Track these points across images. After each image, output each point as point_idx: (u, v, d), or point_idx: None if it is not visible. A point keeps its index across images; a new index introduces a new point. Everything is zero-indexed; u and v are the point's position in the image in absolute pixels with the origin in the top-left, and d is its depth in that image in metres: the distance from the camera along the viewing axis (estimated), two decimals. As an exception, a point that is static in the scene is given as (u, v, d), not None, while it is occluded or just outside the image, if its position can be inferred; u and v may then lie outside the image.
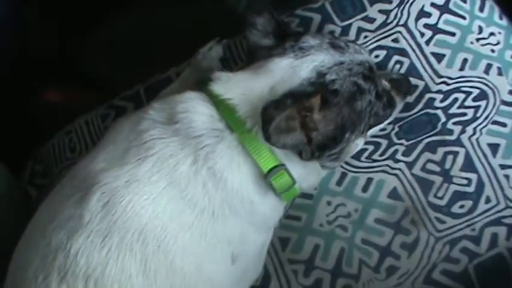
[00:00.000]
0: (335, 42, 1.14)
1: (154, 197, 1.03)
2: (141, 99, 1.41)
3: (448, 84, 1.32)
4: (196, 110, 1.07)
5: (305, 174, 1.13)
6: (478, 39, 1.35)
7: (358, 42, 1.36)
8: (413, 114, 1.31)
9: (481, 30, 1.36)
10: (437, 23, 1.36)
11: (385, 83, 1.20)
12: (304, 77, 1.07)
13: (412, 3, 1.37)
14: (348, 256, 1.25)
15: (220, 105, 1.07)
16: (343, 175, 1.30)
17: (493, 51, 1.34)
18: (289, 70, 1.08)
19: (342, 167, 1.30)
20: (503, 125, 1.30)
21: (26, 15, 1.61)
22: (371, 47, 1.36)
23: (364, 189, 1.28)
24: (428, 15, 1.37)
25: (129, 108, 1.41)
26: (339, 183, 1.29)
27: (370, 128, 1.16)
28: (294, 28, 1.38)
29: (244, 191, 1.07)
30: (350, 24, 1.38)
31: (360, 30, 1.37)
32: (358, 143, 1.16)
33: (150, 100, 1.32)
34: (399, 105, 1.26)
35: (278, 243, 1.28)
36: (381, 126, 1.23)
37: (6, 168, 1.30)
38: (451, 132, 1.29)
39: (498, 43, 1.35)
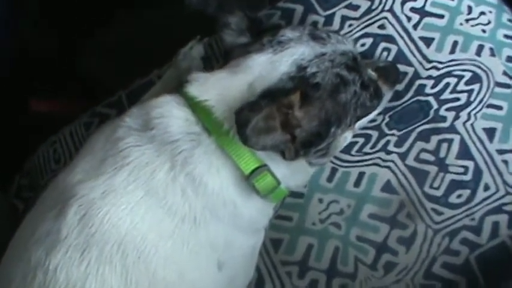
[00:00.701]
0: (316, 33, 1.10)
1: (132, 206, 1.00)
2: (124, 105, 1.38)
3: (439, 69, 1.27)
4: (171, 114, 1.04)
5: (290, 173, 1.08)
6: (467, 20, 1.29)
7: (343, 31, 1.32)
8: (404, 102, 1.27)
9: (470, 10, 1.30)
10: (424, 5, 1.31)
11: (371, 73, 1.16)
12: (283, 71, 1.03)
13: (396, -13, 1.32)
14: (343, 255, 1.21)
15: (196, 108, 1.03)
16: (334, 171, 1.25)
17: (484, 31, 1.28)
18: (267, 66, 1.04)
19: (332, 162, 1.25)
20: (499, 108, 1.24)
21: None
22: (356, 35, 1.31)
23: (356, 184, 1.24)
24: (415, -2, 1.32)
25: (112, 115, 1.38)
26: (330, 179, 1.25)
27: (358, 120, 1.12)
28: (275, 21, 1.34)
29: (225, 194, 1.03)
30: (333, 13, 1.33)
31: (344, 18, 1.33)
32: (347, 137, 1.12)
33: (132, 105, 1.28)
34: (388, 94, 1.22)
35: (270, 245, 1.24)
36: (370, 117, 1.18)
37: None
38: (444, 119, 1.24)
39: (489, 22, 1.29)
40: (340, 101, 1.05)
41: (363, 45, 1.30)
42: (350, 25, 1.32)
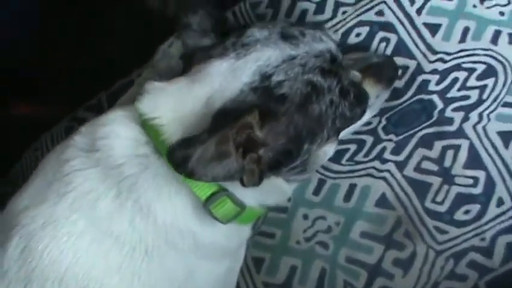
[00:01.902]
0: (287, 31, 0.95)
1: (75, 239, 0.91)
2: (103, 108, 1.29)
3: (445, 62, 1.10)
4: (117, 134, 0.93)
5: (262, 194, 0.96)
6: (482, 1, 1.11)
7: (336, 19, 1.16)
8: (404, 102, 1.11)
9: (486, -11, 1.12)
10: (430, -15, 1.14)
11: (355, 73, 1.00)
12: (245, 81, 0.90)
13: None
14: (331, 278, 1.10)
15: (146, 126, 0.92)
16: (321, 182, 1.12)
17: (502, 14, 1.10)
18: (228, 74, 0.91)
19: (319, 172, 1.12)
20: (518, 107, 1.07)
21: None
22: (351, 23, 1.15)
23: (347, 198, 1.11)
24: (419, -23, 1.14)
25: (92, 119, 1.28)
26: (317, 192, 1.13)
27: (339, 132, 0.97)
28: (261, 11, 1.20)
29: (181, 223, 0.92)
30: (325, 0, 1.17)
31: (338, 4, 1.17)
32: (327, 150, 0.97)
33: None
34: (383, 95, 1.06)
35: (252, 264, 1.14)
36: (356, 126, 1.03)
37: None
38: (450, 121, 1.09)
39: (509, 3, 1.10)
40: (313, 113, 0.91)
41: (357, 35, 1.14)
42: (344, 12, 1.15)
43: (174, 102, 0.92)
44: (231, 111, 0.87)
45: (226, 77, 0.91)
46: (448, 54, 1.10)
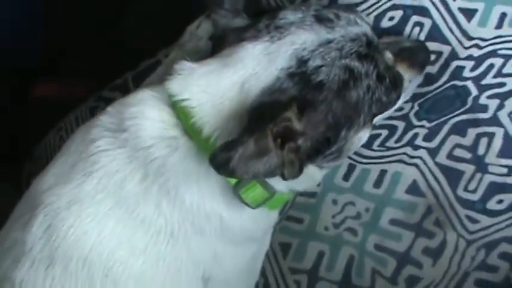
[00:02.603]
0: (322, 14, 0.93)
1: (100, 218, 0.90)
2: (129, 89, 1.27)
3: (481, 48, 1.07)
4: (145, 115, 0.91)
5: (291, 180, 0.93)
6: (520, -14, 1.08)
7: (369, 2, 1.12)
8: (437, 88, 1.08)
9: (526, -30, 1.09)
10: (467, -32, 1.11)
11: (389, 56, 0.98)
12: (280, 67, 0.88)
13: None
14: (359, 265, 1.09)
15: (176, 108, 0.90)
16: (351, 167, 1.11)
17: (540, -1, 1.07)
18: (263, 58, 0.89)
19: (350, 157, 1.10)
20: (556, 94, 1.04)
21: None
22: (384, 7, 1.11)
23: (377, 184, 1.10)
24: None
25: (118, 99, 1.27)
26: (346, 177, 1.11)
27: (374, 117, 0.96)
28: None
29: (208, 207, 0.91)
30: (359, -19, 1.15)
31: (371, -13, 1.14)
32: (362, 136, 0.95)
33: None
34: (416, 80, 1.04)
35: (278, 250, 1.13)
36: (389, 112, 1.01)
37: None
38: (484, 108, 1.06)
39: (547, -11, 1.07)
40: (350, 99, 0.89)
41: (390, 19, 1.11)
42: (377, -5, 1.13)
43: (205, 85, 0.89)
44: (268, 105, 0.85)
45: (260, 61, 0.89)
46: (484, 40, 1.07)
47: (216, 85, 0.89)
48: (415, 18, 1.11)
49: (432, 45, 1.09)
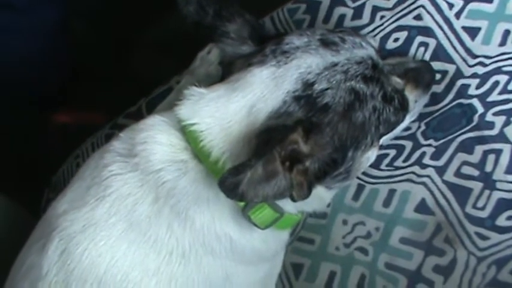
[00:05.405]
0: (327, 38, 0.95)
1: (113, 241, 0.92)
2: (143, 115, 1.30)
3: (486, 65, 1.08)
4: (155, 140, 0.94)
5: (300, 202, 0.93)
6: (523, 4, 1.08)
7: (374, 24, 1.15)
8: (443, 107, 1.09)
9: (528, -11, 1.09)
10: (469, -12, 1.12)
11: (397, 80, 0.99)
12: (287, 90, 0.90)
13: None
14: (370, 284, 1.09)
15: (185, 132, 0.93)
16: (360, 188, 1.12)
17: (543, 16, 1.07)
18: (270, 82, 0.91)
19: (359, 178, 1.11)
20: None
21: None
22: (389, 29, 1.14)
23: (386, 203, 1.10)
24: (458, -20, 1.12)
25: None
26: (356, 197, 1.12)
27: (382, 137, 0.97)
28: (299, 17, 1.20)
29: (218, 228, 0.93)
30: (363, 4, 1.17)
31: (375, 9, 1.16)
32: (369, 156, 0.97)
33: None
34: (422, 100, 1.05)
35: (291, 270, 1.13)
36: (397, 131, 1.02)
37: (6, 199, 1.26)
38: (491, 125, 1.06)
39: (550, 5, 1.07)
40: (357, 121, 0.91)
41: (395, 40, 1.13)
42: (382, 17, 1.14)
43: (214, 109, 0.92)
44: (275, 128, 0.86)
45: (267, 85, 0.91)
46: (488, 57, 1.08)
47: (225, 109, 0.91)
48: (419, 38, 1.13)
49: (437, 65, 1.10)
